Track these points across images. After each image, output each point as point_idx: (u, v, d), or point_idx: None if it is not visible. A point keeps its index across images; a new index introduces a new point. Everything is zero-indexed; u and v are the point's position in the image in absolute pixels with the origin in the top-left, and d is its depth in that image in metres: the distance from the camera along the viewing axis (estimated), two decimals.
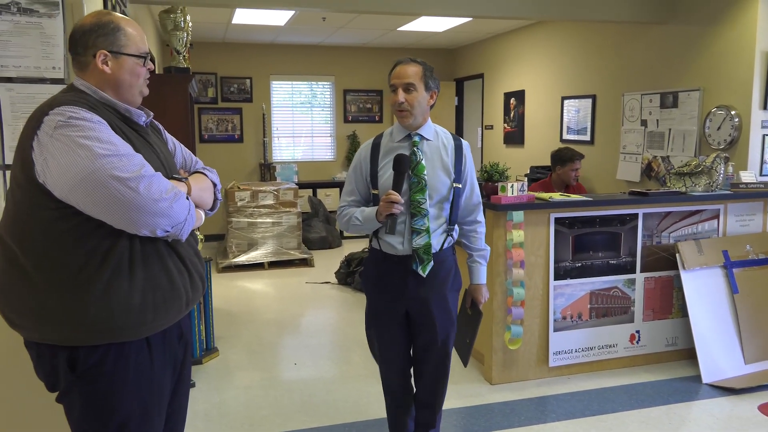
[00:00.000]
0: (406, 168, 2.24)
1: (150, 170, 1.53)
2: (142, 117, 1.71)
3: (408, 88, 2.26)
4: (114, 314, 1.52)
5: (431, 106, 2.35)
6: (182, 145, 1.94)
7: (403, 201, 2.22)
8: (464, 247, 2.55)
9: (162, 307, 1.60)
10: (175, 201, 1.54)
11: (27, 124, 1.54)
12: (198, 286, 1.74)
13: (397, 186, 2.23)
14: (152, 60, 1.70)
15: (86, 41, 1.61)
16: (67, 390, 1.59)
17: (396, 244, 2.31)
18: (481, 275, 2.54)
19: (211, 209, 1.83)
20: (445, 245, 2.39)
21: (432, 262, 2.31)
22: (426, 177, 2.28)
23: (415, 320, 2.43)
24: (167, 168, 1.72)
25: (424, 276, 2.31)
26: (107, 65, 1.61)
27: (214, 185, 1.84)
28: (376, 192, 2.35)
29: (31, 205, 1.51)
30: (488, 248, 2.57)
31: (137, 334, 1.58)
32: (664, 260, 3.88)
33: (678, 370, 3.81)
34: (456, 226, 2.45)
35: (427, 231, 2.28)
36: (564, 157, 4.78)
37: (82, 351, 1.55)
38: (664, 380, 3.68)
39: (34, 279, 1.51)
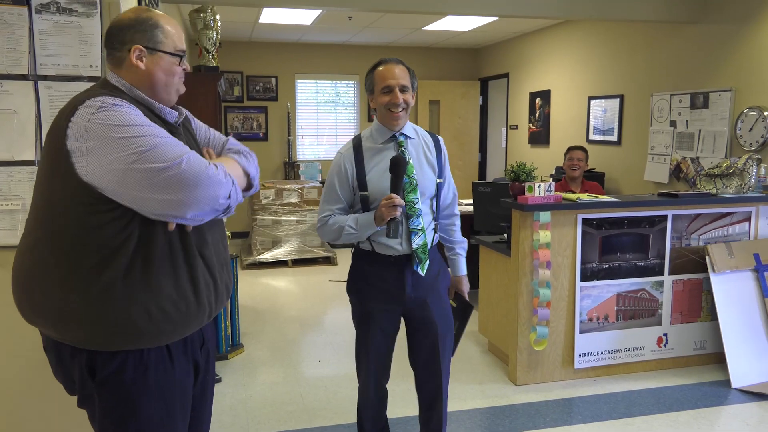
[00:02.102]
0: (404, 169, 2.21)
1: (186, 149, 1.48)
2: (174, 115, 1.65)
3: (403, 88, 2.24)
4: (135, 321, 1.48)
5: None
6: (212, 130, 1.86)
7: (404, 204, 2.19)
8: (444, 241, 2.55)
9: (184, 319, 1.57)
10: (219, 171, 1.49)
11: (59, 114, 1.49)
12: (222, 298, 1.70)
13: (395, 188, 2.18)
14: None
15: (123, 37, 1.57)
16: (88, 396, 1.57)
17: (395, 245, 2.28)
18: (463, 266, 2.56)
19: (246, 190, 1.72)
20: (434, 242, 2.40)
21: (428, 261, 2.31)
22: (416, 176, 2.27)
23: (414, 320, 2.41)
24: None
25: (423, 275, 2.30)
26: (142, 61, 1.57)
27: (247, 174, 1.71)
28: (365, 194, 2.28)
29: (66, 198, 1.45)
30: (466, 240, 2.57)
31: (156, 342, 1.54)
32: (694, 263, 3.82)
33: (706, 375, 3.76)
34: (437, 223, 2.45)
35: (423, 230, 2.28)
36: (566, 151, 4.99)
37: (100, 357, 1.51)
38: (692, 384, 3.63)
39: (58, 277, 1.47)
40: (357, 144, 2.34)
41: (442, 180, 2.39)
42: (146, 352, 1.53)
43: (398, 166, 2.18)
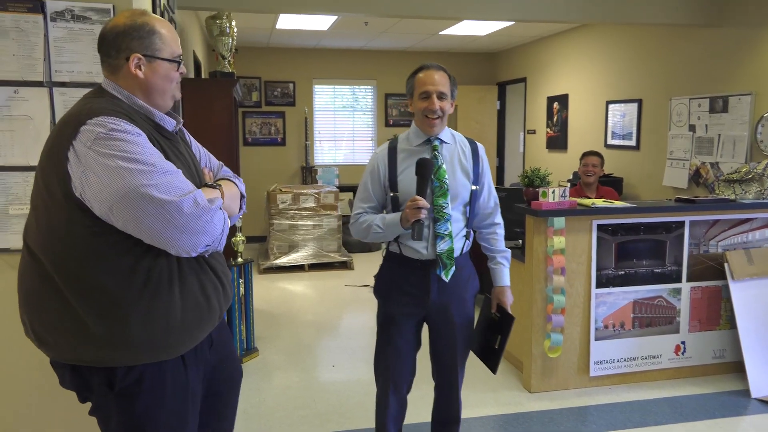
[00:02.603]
0: (430, 172, 2.21)
1: (190, 186, 1.48)
2: (172, 124, 1.64)
3: (441, 95, 2.25)
4: (155, 336, 1.49)
5: None
6: (205, 149, 1.87)
7: (429, 206, 2.19)
8: (486, 251, 2.52)
9: (199, 326, 1.58)
10: (215, 215, 1.50)
11: (60, 131, 1.46)
12: (229, 297, 1.72)
13: (421, 191, 2.18)
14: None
15: (119, 44, 1.53)
16: (103, 405, 1.56)
17: (420, 248, 2.28)
18: (506, 277, 2.49)
19: (234, 218, 1.76)
20: (464, 249, 2.38)
21: (454, 267, 2.30)
22: (447, 181, 2.26)
23: (435, 325, 2.40)
24: (196, 176, 1.67)
25: (447, 281, 2.30)
26: (140, 70, 1.54)
27: (242, 196, 1.79)
28: (395, 195, 2.30)
29: (66, 220, 1.43)
30: (509, 250, 2.53)
31: (176, 353, 1.56)
32: (712, 270, 3.76)
33: (725, 384, 3.69)
34: (471, 230, 2.44)
35: (450, 235, 2.27)
36: (581, 156, 4.94)
37: (120, 371, 1.51)
38: (710, 393, 3.57)
39: (70, 299, 1.45)
40: (392, 145, 2.37)
41: (477, 187, 2.36)
42: (164, 362, 1.55)
43: (424, 168, 2.19)
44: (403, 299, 2.35)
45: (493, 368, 2.51)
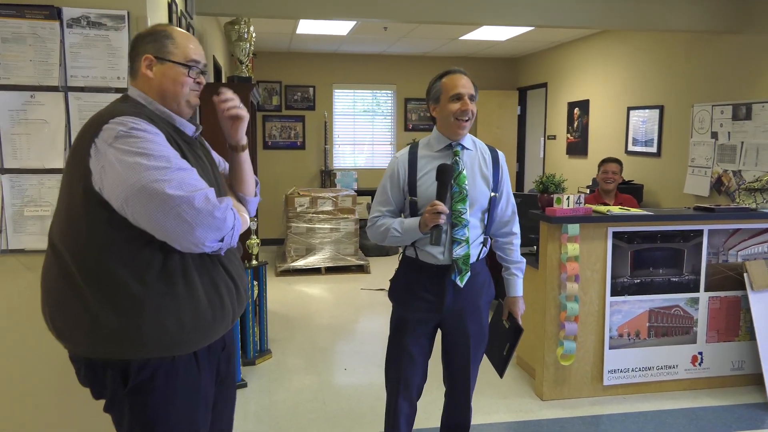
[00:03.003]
0: (450, 178, 2.22)
1: (202, 184, 1.52)
2: (192, 129, 1.70)
3: (472, 98, 2.26)
4: (167, 331, 1.52)
5: None
6: (221, 159, 1.94)
7: (448, 211, 2.20)
8: (501, 260, 2.52)
9: (212, 326, 1.61)
10: (225, 212, 1.53)
11: (84, 131, 1.53)
12: (243, 301, 1.75)
13: (440, 196, 2.20)
14: (203, 73, 1.70)
15: (138, 48, 1.63)
16: (116, 401, 1.60)
17: (437, 253, 2.29)
18: (518, 287, 2.50)
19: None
20: (481, 256, 2.38)
21: (469, 273, 2.29)
22: (467, 187, 2.26)
23: (449, 331, 2.41)
24: (216, 179, 1.73)
25: (462, 286, 2.29)
26: (151, 70, 1.61)
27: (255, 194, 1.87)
28: (414, 199, 2.31)
29: (86, 213, 1.49)
30: (524, 260, 2.52)
31: (187, 350, 1.60)
32: (731, 279, 3.69)
33: (743, 396, 3.62)
34: (489, 237, 2.43)
35: (467, 241, 2.26)
36: (599, 163, 4.86)
37: (133, 365, 1.55)
38: (727, 406, 3.50)
39: (87, 292, 1.50)
40: (413, 150, 2.37)
41: (496, 194, 2.36)
42: (177, 360, 1.58)
43: (445, 174, 2.20)
44: (418, 304, 2.35)
45: (500, 372, 2.55)
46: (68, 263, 1.51)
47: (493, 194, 2.36)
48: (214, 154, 1.89)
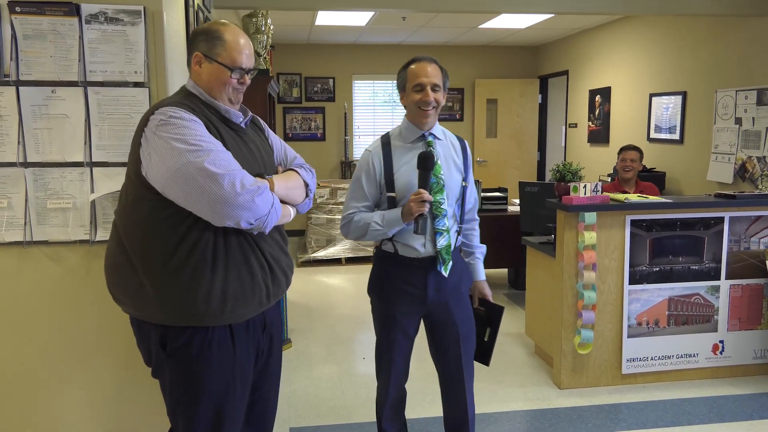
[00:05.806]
0: (433, 164, 2.19)
1: (236, 166, 1.65)
2: (240, 117, 1.85)
3: (435, 87, 2.24)
4: (197, 301, 1.67)
5: None
6: (284, 143, 2.06)
7: (432, 199, 2.19)
8: (465, 246, 2.53)
9: (241, 299, 1.72)
10: (258, 195, 1.64)
11: (139, 123, 1.72)
12: (280, 281, 1.86)
13: (423, 184, 2.18)
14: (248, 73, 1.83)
15: (193, 43, 1.79)
16: (160, 367, 1.78)
17: (418, 246, 2.27)
18: (482, 271, 2.55)
19: (302, 207, 1.93)
20: (457, 244, 2.40)
21: (452, 262, 2.30)
22: (443, 177, 2.26)
23: (436, 322, 2.40)
24: (263, 165, 1.85)
25: (446, 275, 2.29)
26: (200, 66, 1.78)
27: (306, 185, 1.93)
28: (392, 195, 2.28)
29: (136, 196, 1.69)
30: (485, 246, 2.57)
31: (218, 321, 1.72)
32: (753, 267, 3.64)
33: (766, 385, 3.58)
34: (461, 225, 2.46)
35: (448, 231, 2.27)
36: (618, 151, 4.83)
37: (171, 331, 1.72)
38: (749, 394, 3.46)
39: (134, 263, 1.69)
40: (386, 142, 2.34)
41: (466, 183, 2.40)
42: (211, 330, 1.73)
43: (427, 161, 2.19)
44: (402, 299, 2.34)
45: (486, 361, 2.55)
46: (121, 236, 1.73)
47: (464, 183, 2.38)
48: (276, 140, 2.03)
